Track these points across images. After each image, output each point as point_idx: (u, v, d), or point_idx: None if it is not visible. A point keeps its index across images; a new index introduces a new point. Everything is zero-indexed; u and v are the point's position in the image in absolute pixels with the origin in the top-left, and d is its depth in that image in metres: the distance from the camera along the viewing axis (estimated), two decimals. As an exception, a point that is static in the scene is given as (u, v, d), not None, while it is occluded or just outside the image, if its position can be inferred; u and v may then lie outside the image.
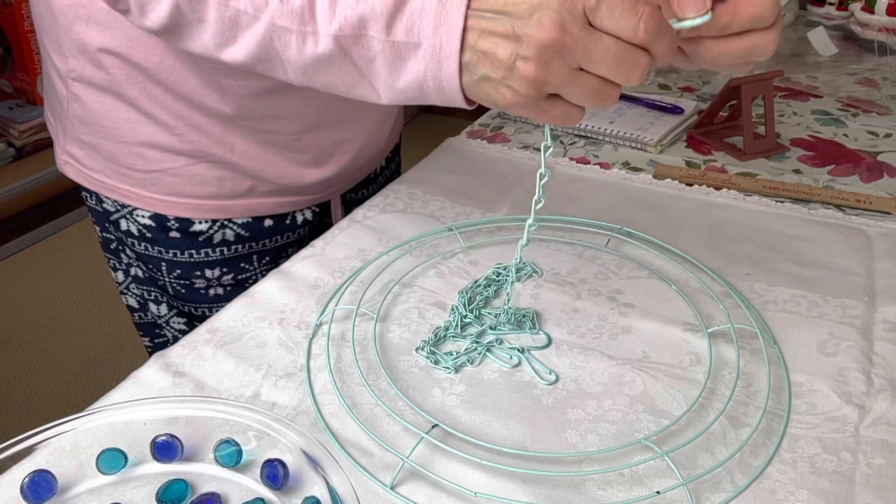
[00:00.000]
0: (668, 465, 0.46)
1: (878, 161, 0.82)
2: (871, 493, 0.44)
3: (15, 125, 2.22)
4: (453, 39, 0.41)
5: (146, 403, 0.46)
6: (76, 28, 0.61)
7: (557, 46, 0.39)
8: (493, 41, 0.40)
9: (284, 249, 0.76)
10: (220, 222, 0.71)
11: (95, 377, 1.72)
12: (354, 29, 0.43)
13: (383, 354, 0.56)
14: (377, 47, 0.43)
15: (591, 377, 0.53)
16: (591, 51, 0.39)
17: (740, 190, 0.77)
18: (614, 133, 0.88)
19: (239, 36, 0.47)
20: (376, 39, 0.43)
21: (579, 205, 0.74)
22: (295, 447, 0.43)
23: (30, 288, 2.02)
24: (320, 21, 0.44)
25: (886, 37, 1.18)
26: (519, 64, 0.40)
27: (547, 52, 0.39)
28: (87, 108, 0.65)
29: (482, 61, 0.41)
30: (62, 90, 0.66)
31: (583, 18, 0.39)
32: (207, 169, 0.67)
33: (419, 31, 0.42)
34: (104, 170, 0.68)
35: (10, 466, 0.43)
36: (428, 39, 0.42)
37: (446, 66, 0.42)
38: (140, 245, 0.71)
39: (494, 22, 0.40)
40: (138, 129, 0.65)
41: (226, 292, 0.75)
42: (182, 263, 0.72)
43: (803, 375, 0.53)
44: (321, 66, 0.46)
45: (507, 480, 0.45)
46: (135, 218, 0.70)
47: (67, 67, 0.64)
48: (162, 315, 0.77)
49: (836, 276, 0.63)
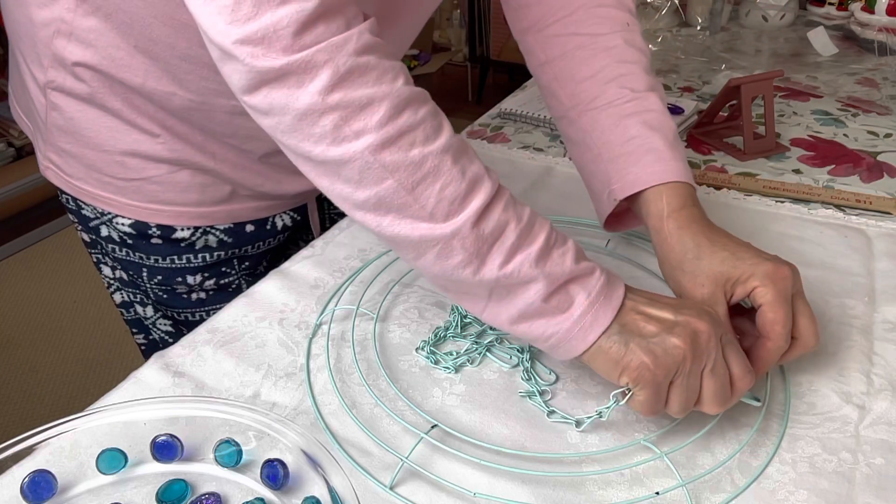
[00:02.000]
0: (668, 465, 0.46)
1: (878, 161, 0.82)
2: (871, 493, 0.44)
3: (15, 125, 2.22)
4: (603, 324, 0.46)
5: (146, 403, 0.46)
6: (57, 42, 0.59)
7: (706, 338, 0.45)
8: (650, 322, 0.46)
9: (264, 256, 0.76)
10: (202, 229, 0.69)
11: (95, 377, 1.72)
12: (519, 283, 0.45)
13: (383, 354, 0.56)
14: (530, 300, 0.46)
15: (591, 377, 0.53)
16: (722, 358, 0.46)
17: (740, 190, 0.77)
18: (614, 133, 0.88)
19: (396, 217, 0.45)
20: (533, 296, 0.46)
21: (579, 205, 0.74)
22: (295, 447, 0.43)
23: (30, 288, 2.02)
24: (493, 260, 0.45)
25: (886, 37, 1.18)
26: (675, 330, 0.45)
27: (697, 335, 0.45)
28: (66, 118, 0.63)
29: (635, 328, 0.46)
30: (40, 98, 0.64)
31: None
32: (191, 176, 0.66)
33: (572, 306, 0.46)
34: (85, 177, 0.67)
35: (10, 466, 0.43)
36: (578, 315, 0.46)
37: (580, 339, 0.46)
38: (121, 251, 0.70)
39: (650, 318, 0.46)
40: (121, 137, 0.63)
41: (209, 297, 0.74)
42: (163, 269, 0.71)
43: (803, 375, 0.53)
44: (457, 281, 0.47)
45: (507, 480, 0.45)
46: (115, 225, 0.68)
47: (46, 78, 0.62)
48: (148, 317, 0.76)
49: (836, 276, 0.63)
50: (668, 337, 0.44)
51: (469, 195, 0.44)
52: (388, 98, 0.42)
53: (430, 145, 0.44)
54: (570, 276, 0.46)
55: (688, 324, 0.45)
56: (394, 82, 0.43)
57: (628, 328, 0.46)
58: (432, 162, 0.43)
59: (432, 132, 0.44)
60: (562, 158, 0.84)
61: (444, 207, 0.44)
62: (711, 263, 0.50)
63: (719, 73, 1.11)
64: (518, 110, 0.95)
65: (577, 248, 0.48)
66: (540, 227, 0.46)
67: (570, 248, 0.47)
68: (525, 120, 0.94)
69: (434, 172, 0.43)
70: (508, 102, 0.99)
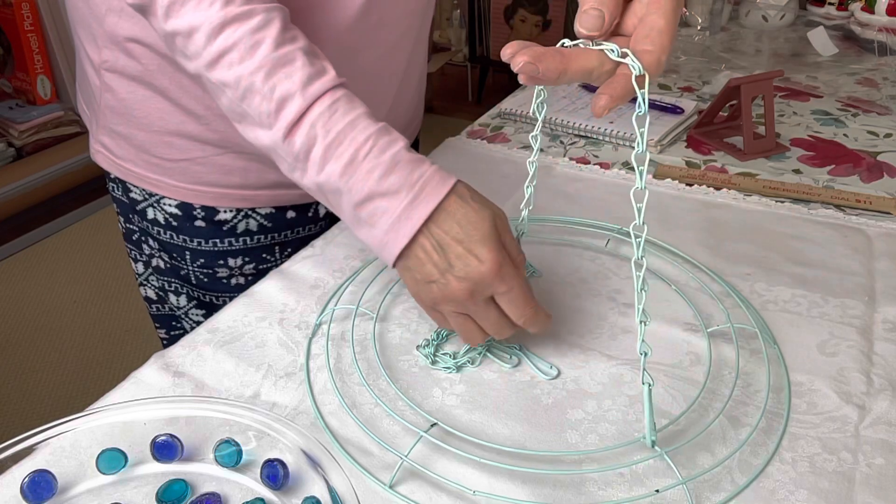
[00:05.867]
0: (668, 464, 0.46)
1: (878, 161, 0.82)
2: (871, 493, 0.44)
3: (15, 125, 2.23)
4: (399, 245, 0.50)
5: (146, 403, 0.46)
6: (109, 19, 0.63)
7: (481, 287, 0.49)
8: (431, 261, 0.50)
9: (306, 241, 0.77)
10: (244, 212, 0.72)
11: (95, 377, 1.72)
12: (333, 191, 0.51)
13: (383, 354, 0.56)
14: (346, 208, 0.51)
15: (591, 377, 0.53)
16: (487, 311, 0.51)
17: (740, 190, 0.77)
18: (614, 133, 0.88)
19: (243, 125, 0.53)
20: (346, 206, 0.51)
21: (579, 205, 0.74)
22: (295, 447, 0.43)
23: (30, 288, 2.02)
24: (310, 169, 0.51)
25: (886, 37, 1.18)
26: (449, 277, 0.49)
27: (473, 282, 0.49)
28: (118, 98, 0.67)
29: (418, 266, 0.50)
30: (95, 80, 0.68)
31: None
32: (234, 159, 0.68)
33: (377, 223, 0.50)
34: (134, 159, 0.70)
35: (10, 466, 0.43)
36: (381, 233, 0.50)
37: (387, 254, 0.51)
38: (165, 234, 0.73)
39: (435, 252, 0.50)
40: (168, 118, 0.66)
41: (247, 282, 0.76)
42: (206, 252, 0.73)
43: (803, 375, 0.53)
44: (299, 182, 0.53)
45: (507, 480, 0.45)
46: (162, 207, 0.72)
47: (101, 58, 0.66)
48: (181, 306, 0.79)
49: (836, 276, 0.63)
50: (448, 282, 0.49)
51: (278, 112, 0.50)
52: (204, 24, 0.49)
53: (243, 65, 0.50)
54: (371, 193, 0.49)
55: (466, 272, 0.49)
56: (209, 9, 0.49)
57: (416, 262, 0.50)
58: (246, 81, 0.50)
59: (246, 52, 0.50)
60: (562, 158, 0.84)
61: (266, 119, 0.50)
62: None
63: (719, 73, 1.11)
64: (518, 110, 0.95)
65: (396, 161, 0.50)
66: (351, 142, 0.49)
67: (383, 164, 0.49)
68: (525, 120, 0.94)
69: (249, 89, 0.50)
70: (508, 102, 0.99)
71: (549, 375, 0.53)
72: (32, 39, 2.20)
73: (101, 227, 2.27)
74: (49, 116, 2.28)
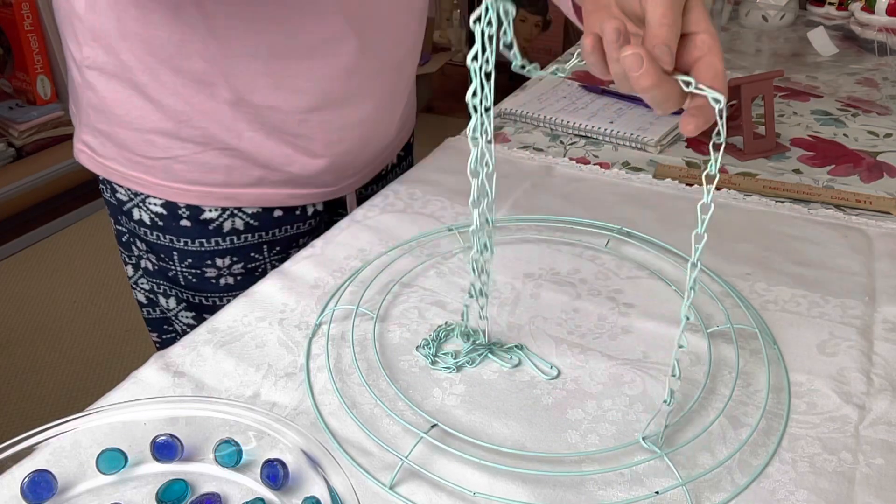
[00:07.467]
0: (668, 465, 0.46)
1: (878, 161, 0.82)
2: (871, 493, 0.44)
3: (15, 125, 2.22)
4: None
5: (146, 403, 0.46)
6: (89, 15, 0.63)
7: None
8: None
9: (295, 240, 0.77)
10: (229, 210, 0.72)
11: (95, 377, 1.72)
12: None
13: (383, 354, 0.56)
14: None
15: (591, 377, 0.53)
16: None
17: (740, 190, 0.77)
18: (614, 133, 0.88)
19: None
20: None
21: (579, 205, 0.74)
22: (295, 447, 0.43)
23: (30, 288, 2.02)
24: None
25: (886, 37, 1.18)
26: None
27: None
28: (100, 96, 0.67)
29: None
30: (78, 78, 0.68)
31: None
32: (216, 157, 0.68)
33: None
34: (117, 157, 0.70)
35: (10, 466, 0.43)
36: None
37: None
38: (152, 234, 0.73)
39: None
40: (148, 115, 0.66)
41: (236, 282, 0.76)
42: (193, 252, 0.73)
43: (803, 375, 0.53)
44: None
45: (507, 480, 0.45)
46: (147, 206, 0.71)
47: (82, 55, 0.66)
48: (171, 309, 0.78)
49: (836, 276, 0.63)
50: None
51: None
52: None
53: None
54: None
55: None
56: None
57: None
58: None
59: None
60: (562, 158, 0.84)
61: None
62: None
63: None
64: (518, 110, 0.95)
65: None
66: None
67: None
68: (525, 120, 0.94)
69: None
70: (508, 102, 0.99)
71: (549, 375, 0.53)
72: (32, 39, 2.20)
73: (101, 228, 2.27)
74: (49, 116, 2.28)
